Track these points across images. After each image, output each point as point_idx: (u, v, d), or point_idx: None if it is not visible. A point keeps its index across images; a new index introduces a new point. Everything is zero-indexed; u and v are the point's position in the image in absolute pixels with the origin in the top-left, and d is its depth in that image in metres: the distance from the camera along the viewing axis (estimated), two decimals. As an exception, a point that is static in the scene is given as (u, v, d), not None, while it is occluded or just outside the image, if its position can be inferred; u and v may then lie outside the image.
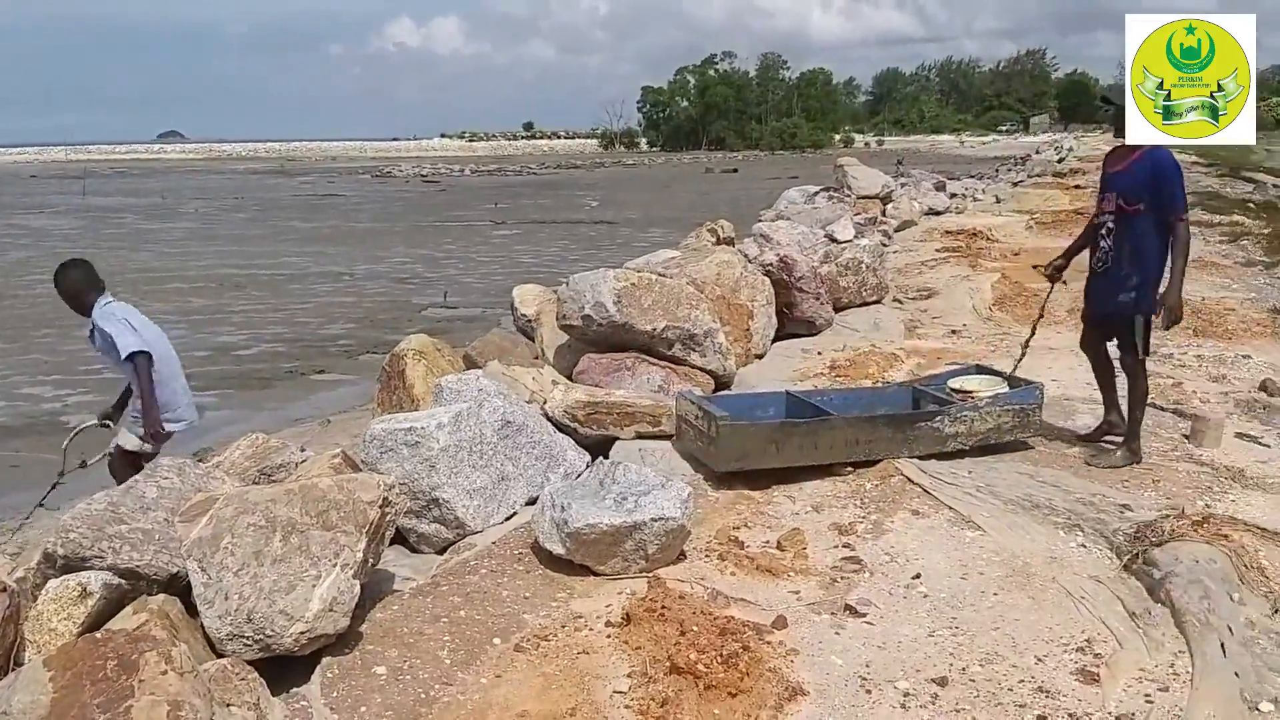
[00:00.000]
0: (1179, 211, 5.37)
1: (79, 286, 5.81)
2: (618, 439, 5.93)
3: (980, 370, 6.56)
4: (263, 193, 54.17)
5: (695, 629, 3.75)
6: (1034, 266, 6.06)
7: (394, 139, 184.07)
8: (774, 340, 8.64)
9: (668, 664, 3.56)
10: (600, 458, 5.50)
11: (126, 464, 5.73)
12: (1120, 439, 5.78)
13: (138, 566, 3.95)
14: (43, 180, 73.09)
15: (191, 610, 3.75)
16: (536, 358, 7.67)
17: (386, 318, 17.16)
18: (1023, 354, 6.50)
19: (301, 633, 3.51)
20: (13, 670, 3.46)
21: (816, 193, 16.74)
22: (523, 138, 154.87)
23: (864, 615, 4.07)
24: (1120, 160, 5.64)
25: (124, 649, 2.66)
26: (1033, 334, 6.55)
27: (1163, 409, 6.57)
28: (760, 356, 8.23)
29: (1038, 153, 54.78)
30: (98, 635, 2.76)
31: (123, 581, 3.75)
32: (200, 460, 5.49)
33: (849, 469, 5.55)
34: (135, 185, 64.33)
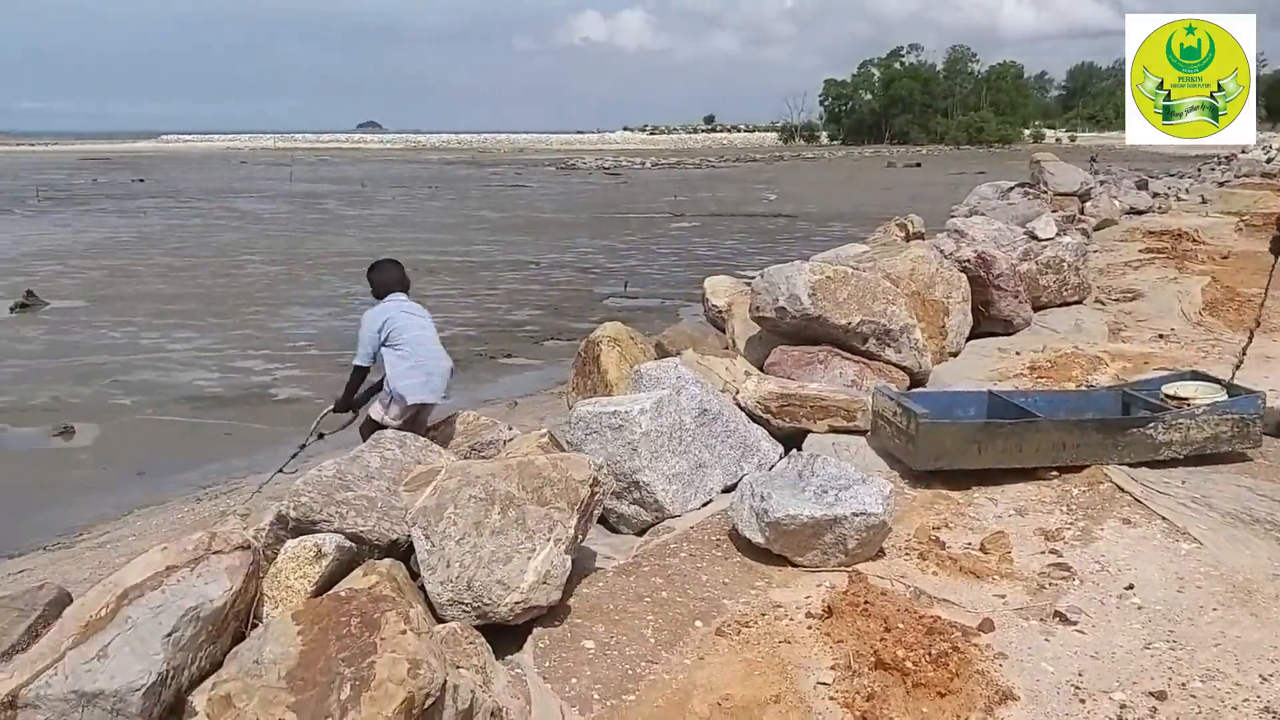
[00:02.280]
0: None
1: (378, 282, 6.71)
2: (810, 432, 5.91)
3: (1196, 376, 6.24)
4: (455, 183, 56.11)
5: (900, 626, 3.72)
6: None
7: (578, 132, 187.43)
8: (969, 339, 8.43)
9: (873, 659, 3.55)
10: (795, 450, 5.51)
11: (370, 430, 6.13)
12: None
13: (361, 531, 4.19)
14: (253, 165, 77.76)
15: (411, 575, 3.96)
16: (727, 348, 7.71)
17: (570, 306, 17.57)
18: (1240, 361, 6.16)
19: (516, 603, 3.65)
20: (252, 622, 3.74)
21: (1011, 188, 16.20)
22: (703, 131, 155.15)
23: (1075, 623, 3.94)
24: None
25: (366, 607, 2.82)
26: (1250, 340, 6.21)
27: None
28: (955, 355, 8.05)
29: (1243, 152, 51.37)
30: (341, 593, 2.95)
31: (352, 545, 3.98)
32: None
33: (1054, 473, 5.38)
34: (337, 172, 67.61)
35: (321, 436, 7.17)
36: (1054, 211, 13.90)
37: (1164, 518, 4.91)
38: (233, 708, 2.64)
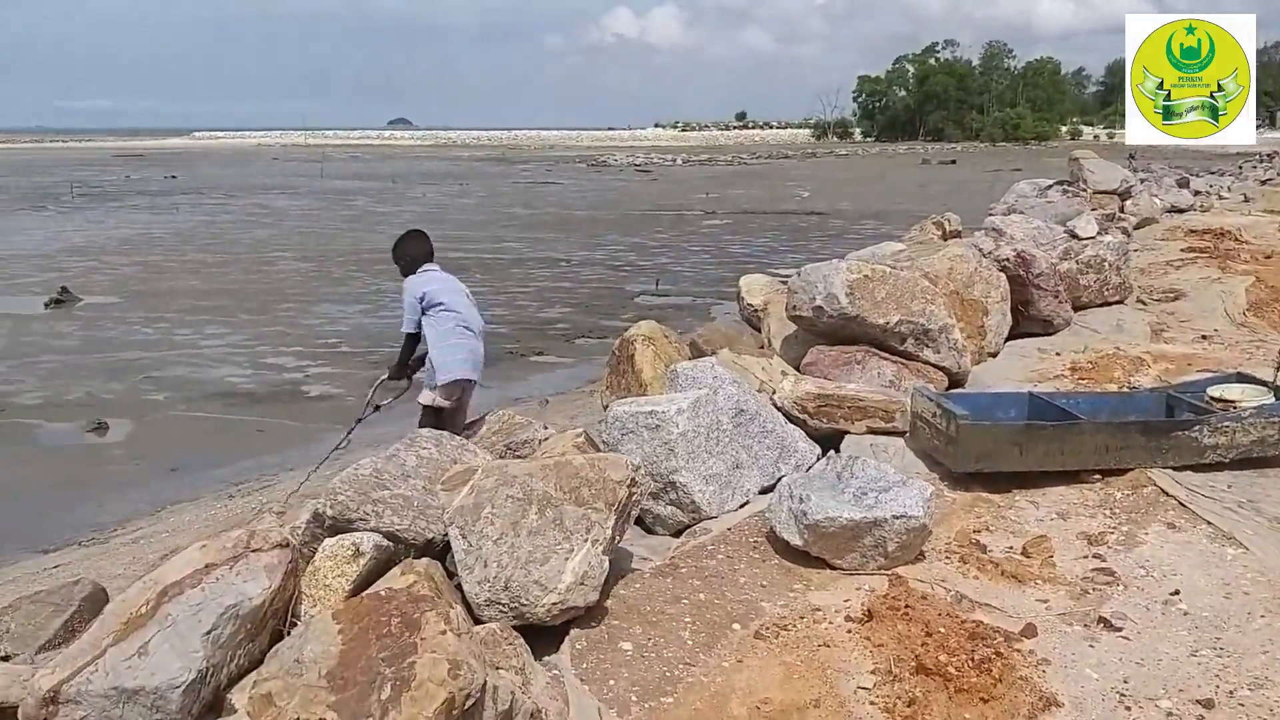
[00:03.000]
0: None
1: (406, 257, 6.69)
2: (848, 433, 5.85)
3: (1242, 379, 6.13)
4: (485, 179, 56.31)
5: (942, 631, 3.67)
6: None
7: (609, 128, 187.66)
8: (1007, 339, 8.32)
9: (914, 663, 3.50)
10: (833, 451, 5.45)
11: (428, 418, 6.24)
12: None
13: (397, 530, 4.17)
14: (284, 162, 78.33)
15: (447, 575, 3.93)
16: (762, 348, 7.66)
17: (601, 304, 17.57)
18: None
19: (554, 603, 3.63)
20: (290, 621, 3.74)
21: (1049, 186, 16.02)
22: (735, 128, 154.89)
23: (1119, 629, 3.87)
24: None
25: (406, 607, 2.81)
26: None
27: None
28: (994, 355, 7.95)
29: (1287, 148, 50.65)
30: (382, 592, 2.93)
31: (389, 544, 3.97)
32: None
33: (1096, 476, 5.30)
34: (368, 169, 68.02)
35: (378, 408, 7.23)
36: (1093, 210, 13.74)
37: (1209, 522, 4.82)
38: (273, 706, 2.63)
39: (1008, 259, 8.55)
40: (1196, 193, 21.43)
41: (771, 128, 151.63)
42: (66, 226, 31.14)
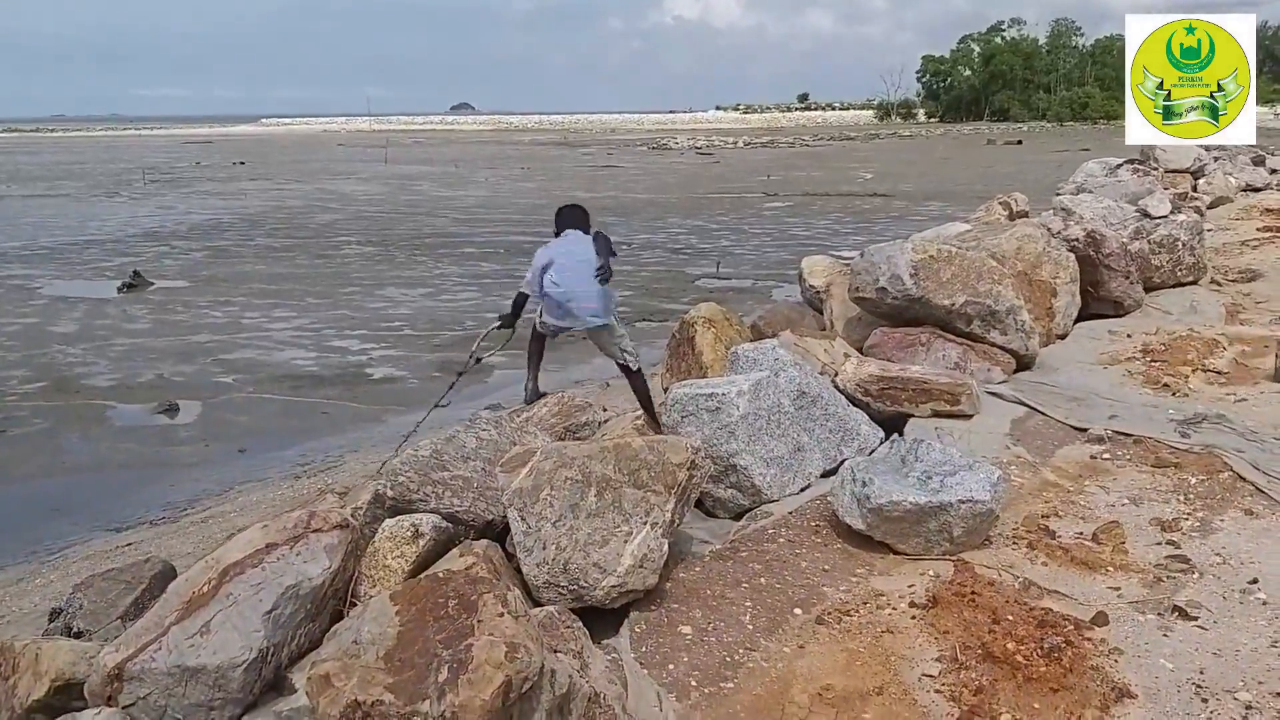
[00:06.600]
0: None
1: (558, 224, 7.04)
2: (912, 416, 5.75)
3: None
4: (547, 163, 56.37)
5: (1010, 618, 3.58)
6: None
7: (670, 111, 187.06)
8: (1076, 320, 8.12)
9: (980, 651, 3.42)
10: (897, 434, 5.36)
11: (535, 341, 6.89)
12: None
13: (457, 511, 4.18)
14: (349, 148, 79.20)
15: (506, 556, 3.93)
16: (824, 330, 7.56)
17: (661, 287, 17.48)
18: None
19: (613, 586, 3.60)
20: (350, 601, 3.75)
21: (1119, 165, 15.65)
22: (797, 109, 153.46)
23: (1195, 618, 3.75)
24: None
25: (464, 589, 2.79)
26: None
27: None
28: (1062, 337, 7.76)
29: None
30: (439, 574, 2.92)
31: (449, 525, 3.97)
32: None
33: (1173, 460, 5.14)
34: (431, 154, 68.46)
35: (479, 361, 7.52)
36: (1165, 189, 13.37)
37: (1290, 509, 4.65)
38: (331, 687, 2.63)
39: (1077, 239, 8.33)
40: (1273, 170, 20.73)
41: (834, 109, 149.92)
42: (139, 212, 31.77)
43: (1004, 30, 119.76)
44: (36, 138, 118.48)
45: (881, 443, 5.38)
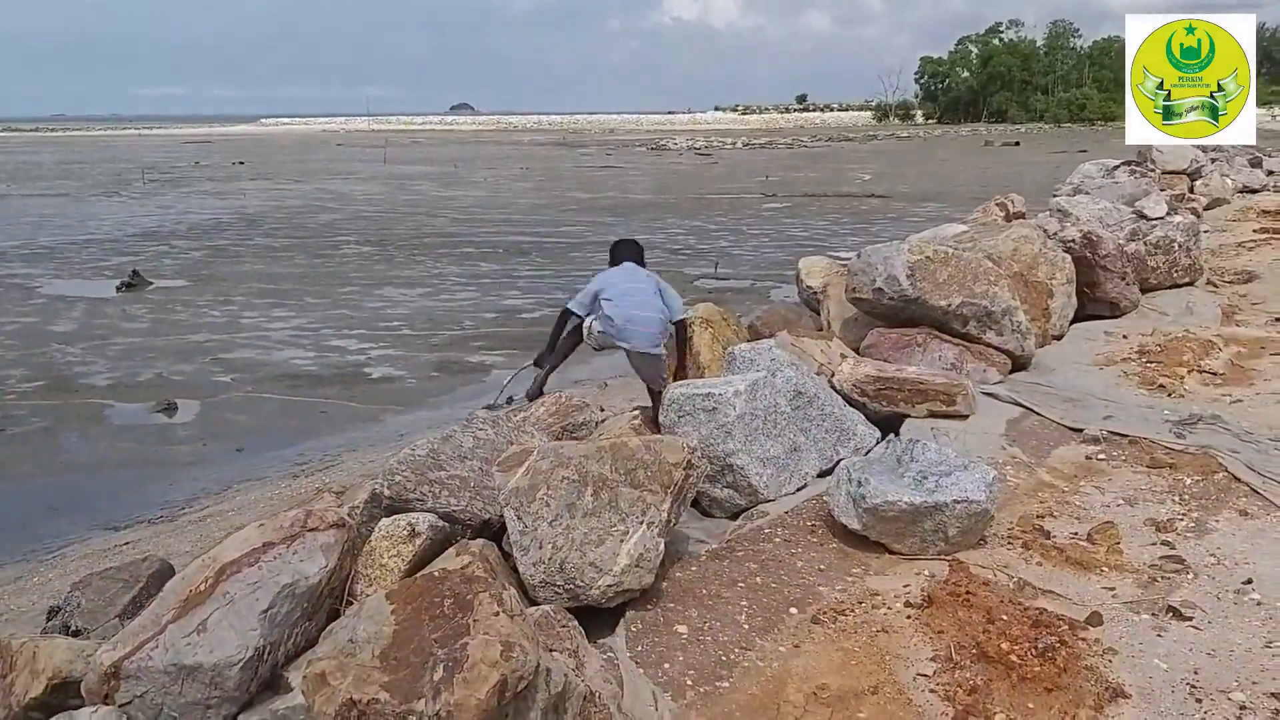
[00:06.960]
0: None
1: (613, 256, 7.24)
2: (908, 416, 5.76)
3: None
4: (546, 164, 56.33)
5: (1005, 618, 3.59)
6: None
7: (669, 112, 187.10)
8: (1072, 321, 8.14)
9: (975, 651, 3.44)
10: (893, 434, 5.37)
11: (570, 339, 6.84)
12: None
13: (454, 511, 4.19)
14: (348, 148, 79.16)
15: (503, 556, 3.93)
16: (821, 330, 7.57)
17: (661, 287, 17.46)
18: None
19: (609, 585, 3.61)
20: (346, 599, 3.76)
21: (1116, 167, 15.65)
22: (795, 110, 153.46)
23: (1190, 619, 3.77)
24: None
25: (459, 588, 2.80)
26: None
27: None
28: (1058, 338, 7.79)
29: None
30: (435, 573, 2.92)
31: (445, 524, 3.98)
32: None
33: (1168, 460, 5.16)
34: (430, 154, 68.41)
35: (510, 401, 7.52)
36: (1162, 190, 13.39)
37: (1284, 509, 4.67)
38: (327, 685, 2.64)
39: (1073, 240, 8.35)
40: (1270, 172, 20.78)
41: (832, 110, 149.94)
42: (138, 211, 31.73)
43: (1002, 32, 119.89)
44: (36, 137, 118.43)
45: (877, 443, 5.41)
